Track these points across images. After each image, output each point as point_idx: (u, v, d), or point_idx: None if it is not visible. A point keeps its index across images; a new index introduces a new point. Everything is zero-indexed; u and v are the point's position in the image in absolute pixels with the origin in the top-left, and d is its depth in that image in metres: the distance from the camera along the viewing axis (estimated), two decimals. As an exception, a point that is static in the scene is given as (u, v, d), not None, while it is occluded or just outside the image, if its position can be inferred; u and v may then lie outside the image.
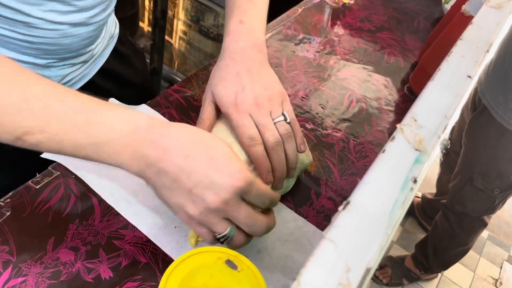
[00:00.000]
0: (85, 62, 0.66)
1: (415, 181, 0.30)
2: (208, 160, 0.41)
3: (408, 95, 0.82)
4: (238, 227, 0.43)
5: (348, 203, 0.28)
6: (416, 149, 0.32)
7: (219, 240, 0.43)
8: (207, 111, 0.54)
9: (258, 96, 0.52)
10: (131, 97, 0.71)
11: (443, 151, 0.39)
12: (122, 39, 0.78)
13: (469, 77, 0.41)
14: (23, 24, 0.51)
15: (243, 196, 0.42)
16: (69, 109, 0.39)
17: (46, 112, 0.39)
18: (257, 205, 0.44)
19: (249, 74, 0.54)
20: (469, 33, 0.47)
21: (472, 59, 0.43)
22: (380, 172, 0.30)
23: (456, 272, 1.79)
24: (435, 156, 0.34)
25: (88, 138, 0.39)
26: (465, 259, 1.59)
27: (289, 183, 0.58)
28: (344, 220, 0.27)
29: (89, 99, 0.41)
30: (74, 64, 0.64)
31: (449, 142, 0.35)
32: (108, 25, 0.71)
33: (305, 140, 0.59)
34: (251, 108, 0.51)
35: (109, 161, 0.41)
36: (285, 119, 0.52)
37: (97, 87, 0.72)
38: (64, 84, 0.65)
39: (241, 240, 0.44)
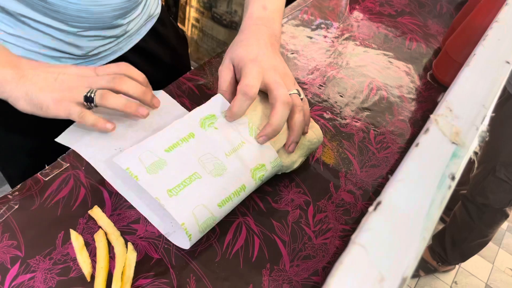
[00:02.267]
0: (116, 37, 0.65)
1: (453, 178, 0.27)
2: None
3: (431, 83, 0.78)
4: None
5: (379, 203, 0.25)
6: (453, 142, 0.29)
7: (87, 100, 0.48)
8: (226, 82, 0.54)
9: (276, 66, 0.53)
10: (161, 78, 0.70)
11: (480, 144, 0.36)
12: (164, 20, 0.77)
13: (508, 62, 0.37)
14: None
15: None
16: None
17: None
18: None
19: (268, 50, 0.54)
20: (504, 15, 0.44)
21: (509, 42, 0.39)
22: (414, 168, 0.27)
23: (474, 263, 1.76)
24: (473, 149, 0.31)
25: None
26: (484, 250, 1.55)
27: (294, 161, 0.56)
28: (376, 223, 0.24)
29: None
30: (104, 37, 0.63)
31: (488, 134, 0.32)
32: (148, 3, 0.70)
33: (315, 123, 0.58)
34: (269, 69, 0.52)
35: None
36: (299, 95, 0.53)
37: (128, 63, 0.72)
38: (94, 56, 0.65)
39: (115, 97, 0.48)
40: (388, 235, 0.24)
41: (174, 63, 0.80)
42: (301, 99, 0.54)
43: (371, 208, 0.25)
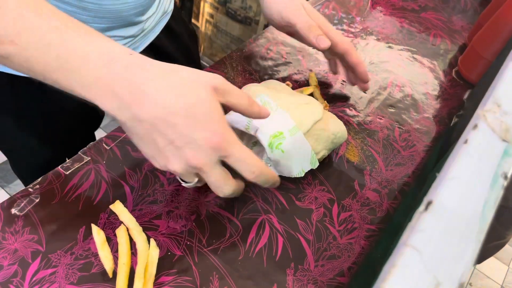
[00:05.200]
0: (134, 36, 0.64)
1: (505, 177, 0.25)
2: (187, 117, 0.36)
3: (456, 80, 0.76)
4: None
5: (430, 202, 0.23)
6: (503, 140, 0.28)
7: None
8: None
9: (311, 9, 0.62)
10: None
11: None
12: (175, 17, 0.76)
13: (554, 56, 0.35)
14: None
15: (223, 159, 0.39)
16: (44, 23, 0.35)
17: (19, 22, 0.35)
18: (242, 173, 0.41)
19: None
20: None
21: (555, 36, 0.37)
22: (465, 166, 0.26)
23: (489, 265, 1.73)
24: (523, 147, 0.29)
25: (59, 60, 0.35)
26: (499, 252, 1.52)
27: (317, 152, 0.54)
28: (428, 224, 0.22)
29: (69, 19, 0.37)
30: (123, 38, 0.62)
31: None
32: (163, 0, 0.70)
33: (338, 120, 0.58)
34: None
35: (80, 92, 0.37)
36: None
37: None
38: None
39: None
40: (441, 237, 0.22)
41: (186, 60, 0.80)
42: None
43: (421, 208, 0.23)
